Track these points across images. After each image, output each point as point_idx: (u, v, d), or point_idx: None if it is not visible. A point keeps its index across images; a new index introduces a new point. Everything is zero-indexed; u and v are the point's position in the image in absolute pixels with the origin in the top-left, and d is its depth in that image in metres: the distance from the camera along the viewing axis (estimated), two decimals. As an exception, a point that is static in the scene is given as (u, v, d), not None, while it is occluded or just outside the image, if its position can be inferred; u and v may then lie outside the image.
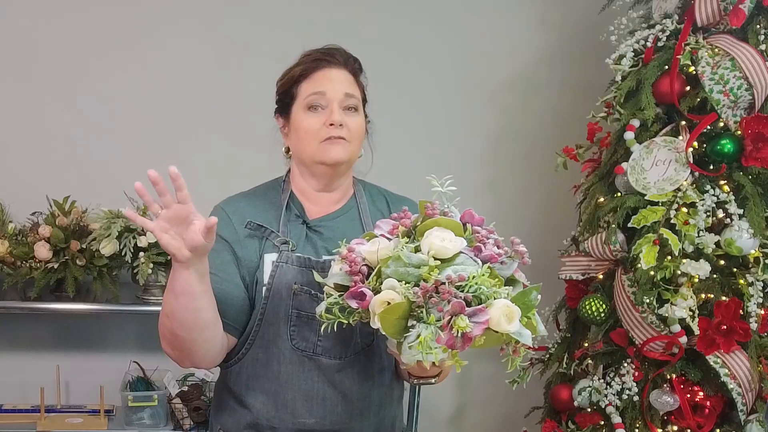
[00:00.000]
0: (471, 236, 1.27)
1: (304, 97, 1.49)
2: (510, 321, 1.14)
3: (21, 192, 2.43)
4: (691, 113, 2.04)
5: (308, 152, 1.49)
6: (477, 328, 1.12)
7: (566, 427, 2.23)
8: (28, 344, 2.57)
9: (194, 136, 2.61)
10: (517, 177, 2.85)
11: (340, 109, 1.47)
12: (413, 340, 1.13)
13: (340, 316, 1.24)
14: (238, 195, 1.57)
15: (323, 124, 1.46)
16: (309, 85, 1.49)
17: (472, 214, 1.31)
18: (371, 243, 1.26)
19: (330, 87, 1.47)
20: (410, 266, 1.18)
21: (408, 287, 1.15)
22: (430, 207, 1.28)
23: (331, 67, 1.50)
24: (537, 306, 1.23)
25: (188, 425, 2.42)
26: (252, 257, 1.48)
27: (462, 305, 1.12)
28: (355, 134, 1.49)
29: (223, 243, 1.47)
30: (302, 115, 1.49)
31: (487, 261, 1.22)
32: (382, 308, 1.16)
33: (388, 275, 1.19)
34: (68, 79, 2.53)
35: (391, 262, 1.19)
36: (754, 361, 1.99)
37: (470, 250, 1.23)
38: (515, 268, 1.28)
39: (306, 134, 1.48)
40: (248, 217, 1.50)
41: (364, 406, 1.52)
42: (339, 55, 1.51)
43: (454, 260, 1.19)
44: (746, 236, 1.95)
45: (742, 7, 1.95)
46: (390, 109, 2.33)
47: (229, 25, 2.61)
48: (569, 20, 2.78)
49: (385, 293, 1.17)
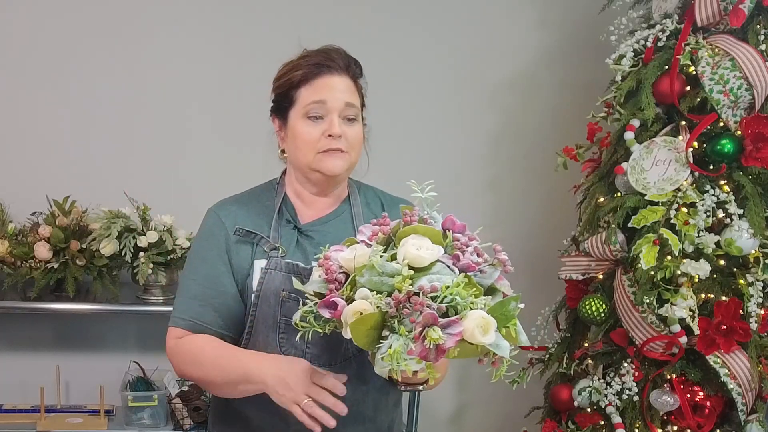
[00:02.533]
0: (451, 243, 1.22)
1: (304, 105, 1.45)
2: (485, 333, 1.10)
3: (21, 192, 2.43)
4: (691, 113, 2.04)
5: (305, 161, 1.47)
6: (450, 340, 1.08)
7: (566, 427, 2.23)
8: (28, 344, 2.57)
9: (194, 136, 2.61)
10: (517, 177, 2.85)
11: (340, 118, 1.45)
12: (385, 351, 1.10)
13: (315, 325, 1.21)
14: (231, 198, 1.56)
15: (322, 134, 1.44)
16: (309, 93, 1.45)
17: (453, 220, 1.25)
18: (349, 250, 1.22)
19: (330, 96, 1.44)
20: (384, 275, 1.14)
21: (380, 297, 1.12)
22: (408, 213, 1.23)
23: (332, 73, 1.46)
24: (516, 315, 1.18)
25: (188, 425, 2.42)
26: (244, 264, 1.48)
27: (434, 316, 1.09)
28: (353, 144, 1.47)
29: (218, 252, 1.48)
30: (301, 123, 1.46)
31: (465, 270, 1.18)
32: (353, 318, 1.13)
33: (362, 284, 1.15)
34: (68, 79, 2.53)
35: (365, 270, 1.15)
36: (754, 361, 1.99)
37: (448, 259, 1.19)
38: (497, 277, 1.23)
39: (304, 143, 1.46)
40: (239, 222, 1.49)
41: (357, 411, 1.49)
42: (340, 60, 1.47)
43: (430, 269, 1.15)
44: (746, 236, 1.95)
45: (742, 7, 1.95)
46: (390, 109, 2.34)
47: (228, 25, 2.61)
48: (569, 20, 2.78)
49: (357, 303, 1.14)
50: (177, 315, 1.49)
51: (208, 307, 1.46)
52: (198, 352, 1.44)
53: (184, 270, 1.56)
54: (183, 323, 1.47)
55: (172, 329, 1.48)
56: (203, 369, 1.44)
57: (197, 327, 1.46)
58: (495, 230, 2.84)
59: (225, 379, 1.41)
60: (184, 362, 1.46)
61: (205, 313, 1.46)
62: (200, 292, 1.47)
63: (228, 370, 1.40)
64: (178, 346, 1.47)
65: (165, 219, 2.38)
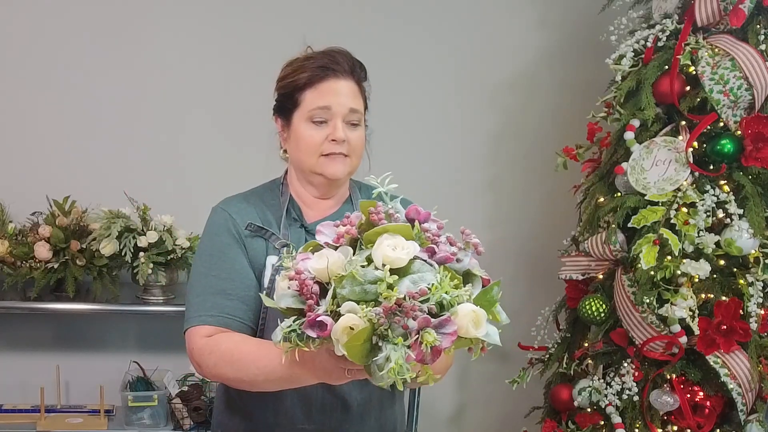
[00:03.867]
0: (420, 234, 1.16)
1: (309, 109, 1.44)
2: (478, 326, 1.08)
3: (21, 192, 2.43)
4: (691, 113, 2.04)
5: (308, 164, 1.47)
6: (446, 340, 1.05)
7: (566, 427, 2.23)
8: (28, 344, 2.57)
9: (194, 136, 2.61)
10: (517, 177, 2.85)
11: (344, 123, 1.44)
12: (383, 362, 1.04)
13: (299, 344, 1.12)
14: (237, 196, 1.55)
15: (325, 138, 1.44)
16: (314, 97, 1.44)
17: (417, 210, 1.18)
18: (317, 257, 1.14)
19: (335, 101, 1.43)
20: (366, 283, 1.09)
21: (369, 309, 1.06)
22: (374, 211, 1.16)
23: (337, 77, 1.45)
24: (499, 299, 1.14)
25: (188, 425, 2.42)
26: (259, 259, 1.47)
27: (428, 319, 1.05)
28: (355, 148, 1.47)
29: (237, 246, 1.46)
30: (304, 126, 1.45)
31: (443, 263, 1.13)
32: (346, 336, 1.06)
33: (345, 296, 1.08)
34: (68, 79, 2.53)
35: (345, 282, 1.09)
36: (754, 361, 1.99)
37: (424, 253, 1.13)
38: (470, 258, 1.18)
39: (307, 147, 1.46)
40: (249, 218, 1.48)
41: (364, 410, 1.50)
42: (345, 63, 1.46)
43: (410, 269, 1.11)
44: (746, 236, 1.95)
45: (742, 7, 1.95)
46: (390, 109, 2.34)
47: (229, 25, 2.60)
48: (569, 20, 2.78)
49: (346, 318, 1.07)
50: (202, 313, 1.42)
51: (237, 300, 1.43)
52: (235, 350, 1.36)
53: (197, 268, 1.49)
54: (213, 320, 1.41)
55: (199, 328, 1.41)
56: (243, 370, 1.35)
57: (229, 322, 1.41)
58: (495, 230, 2.88)
59: (267, 378, 1.33)
60: (221, 363, 1.37)
61: (236, 307, 1.42)
62: (226, 287, 1.43)
63: (269, 369, 1.31)
64: (210, 346, 1.39)
65: (165, 219, 2.38)
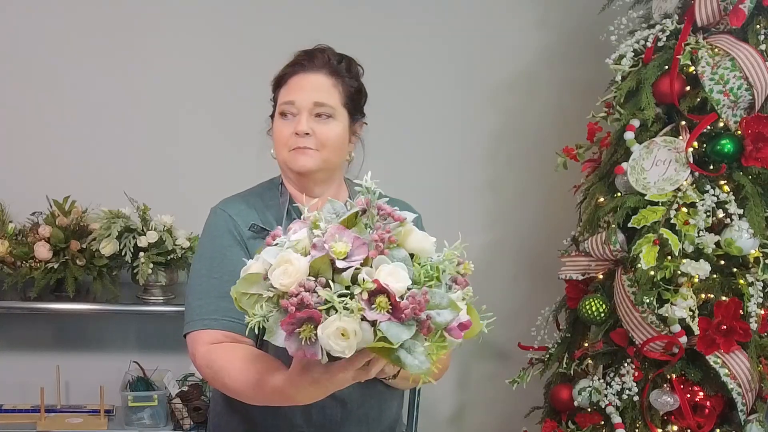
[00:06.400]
0: (359, 221, 1.12)
1: (279, 105, 1.48)
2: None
3: (21, 192, 2.43)
4: (691, 113, 2.04)
5: (281, 159, 1.50)
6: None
7: (566, 427, 2.23)
8: (28, 344, 2.57)
9: (194, 136, 2.61)
10: (517, 177, 2.85)
11: (311, 117, 1.44)
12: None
13: None
14: (236, 197, 1.54)
15: (292, 132, 1.45)
16: (284, 93, 1.48)
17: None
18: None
19: (299, 96, 1.44)
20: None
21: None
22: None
23: (306, 72, 1.46)
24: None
25: (188, 425, 2.42)
26: None
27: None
28: (324, 142, 1.45)
29: (239, 247, 1.44)
30: (277, 122, 1.49)
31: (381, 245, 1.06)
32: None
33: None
34: (68, 79, 2.53)
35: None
36: (754, 361, 1.99)
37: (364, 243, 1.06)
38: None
39: (278, 141, 1.49)
40: (251, 219, 1.47)
41: (363, 412, 1.49)
42: (319, 58, 1.47)
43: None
44: (746, 236, 1.95)
45: (742, 7, 1.95)
46: (390, 109, 2.34)
47: (228, 25, 2.61)
48: (569, 20, 2.78)
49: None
50: (205, 317, 1.38)
51: None
52: (242, 366, 1.31)
53: (197, 271, 1.46)
54: (217, 324, 1.37)
55: (203, 332, 1.38)
56: (246, 385, 1.31)
57: (232, 325, 1.37)
58: (495, 230, 2.88)
59: (265, 399, 1.30)
60: (215, 382, 1.35)
61: (237, 309, 1.34)
62: (228, 289, 1.33)
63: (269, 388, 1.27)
64: (207, 359, 1.35)
65: (165, 219, 2.38)
